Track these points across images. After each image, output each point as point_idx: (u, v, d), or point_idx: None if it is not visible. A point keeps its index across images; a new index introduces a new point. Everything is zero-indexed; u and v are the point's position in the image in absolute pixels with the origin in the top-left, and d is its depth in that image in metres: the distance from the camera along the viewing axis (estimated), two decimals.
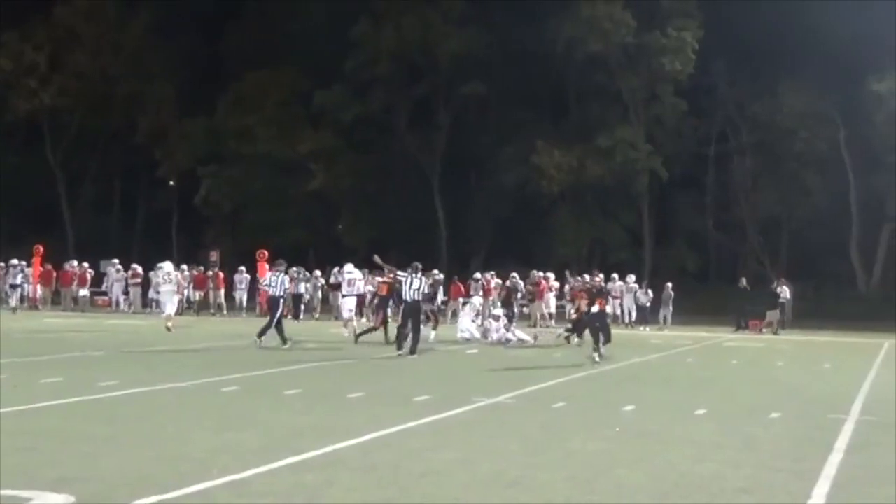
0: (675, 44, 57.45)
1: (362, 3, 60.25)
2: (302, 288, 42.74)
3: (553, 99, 61.40)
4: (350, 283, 35.24)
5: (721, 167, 61.46)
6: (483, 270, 41.41)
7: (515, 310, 32.83)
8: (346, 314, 33.26)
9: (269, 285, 26.86)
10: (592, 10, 56.39)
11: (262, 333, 25.74)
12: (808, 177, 57.22)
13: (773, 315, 40.48)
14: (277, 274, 26.51)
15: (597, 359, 22.01)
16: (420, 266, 26.10)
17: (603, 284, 29.10)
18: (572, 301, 31.18)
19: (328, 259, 46.68)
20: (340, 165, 62.01)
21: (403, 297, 25.26)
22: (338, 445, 11.68)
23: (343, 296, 35.81)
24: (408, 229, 61.25)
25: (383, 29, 59.57)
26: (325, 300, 45.05)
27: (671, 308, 42.70)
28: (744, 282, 43.28)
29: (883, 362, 26.88)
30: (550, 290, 42.21)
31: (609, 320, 27.41)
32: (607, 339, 23.54)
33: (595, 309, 23.53)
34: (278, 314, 26.16)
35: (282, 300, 26.79)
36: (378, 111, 61.66)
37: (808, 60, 53.86)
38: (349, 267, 36.19)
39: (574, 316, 28.49)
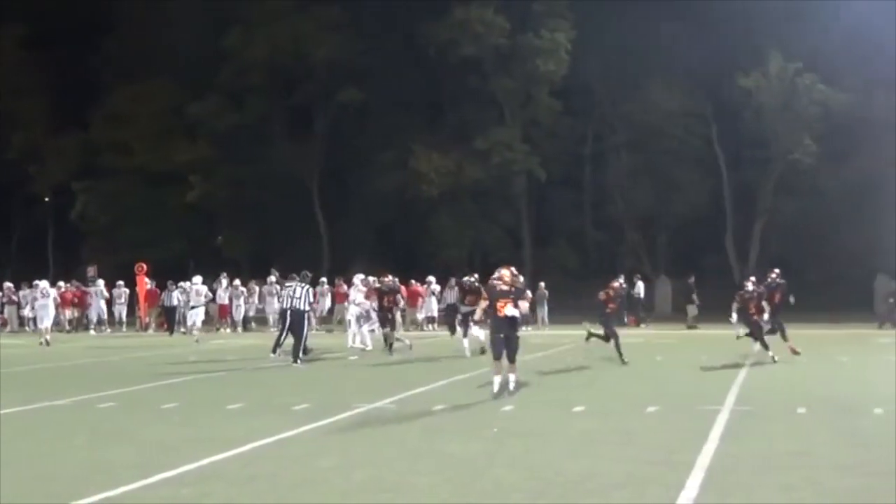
0: (548, 45, 57.82)
1: (234, 13, 59.74)
2: (175, 300, 42.19)
3: (429, 103, 61.49)
4: (198, 293, 35.46)
5: (597, 166, 62.05)
6: (365, 276, 41.32)
7: (396, 315, 32.67)
8: (190, 323, 33.60)
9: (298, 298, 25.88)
10: (465, 14, 56.61)
11: (295, 354, 24.94)
12: (683, 173, 57.94)
13: (692, 310, 41.17)
14: (303, 286, 25.89)
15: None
16: (310, 274, 26.13)
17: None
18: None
19: (209, 271, 46.18)
20: (218, 176, 61.46)
21: (286, 304, 25.27)
22: (215, 457, 11.61)
23: (191, 307, 36.11)
24: (288, 238, 60.96)
25: (256, 38, 59.10)
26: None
27: (546, 307, 43.03)
28: (622, 278, 43.73)
29: (756, 353, 27.37)
30: (432, 294, 42.32)
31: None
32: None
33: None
34: (305, 330, 25.47)
35: (307, 314, 26.05)
36: (254, 120, 61.11)
37: (679, 58, 54.54)
38: (196, 279, 36.40)
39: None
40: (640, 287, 44.21)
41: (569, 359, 25.33)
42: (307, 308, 25.45)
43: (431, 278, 42.99)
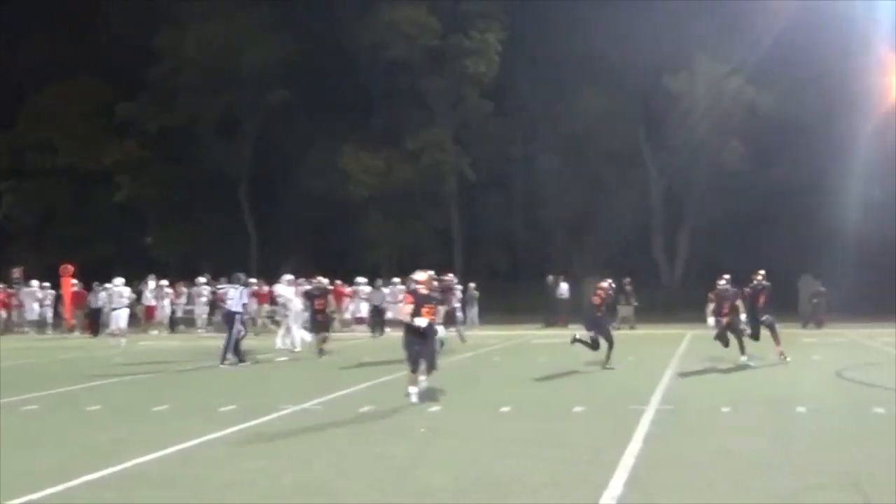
0: (478, 46, 57.86)
1: (165, 12, 59.24)
2: (100, 301, 41.77)
3: (360, 103, 61.18)
4: (120, 295, 35.31)
5: (527, 167, 62.04)
6: (296, 277, 41.11)
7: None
8: (113, 326, 33.55)
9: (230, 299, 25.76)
10: (395, 15, 56.50)
11: (223, 355, 24.99)
12: (612, 175, 58.17)
13: (626, 310, 41.41)
14: (236, 288, 25.76)
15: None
16: (242, 276, 26.10)
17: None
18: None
19: (137, 272, 45.77)
20: (147, 176, 60.86)
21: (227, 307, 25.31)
22: (139, 460, 11.56)
23: (113, 309, 35.93)
24: (218, 240, 60.52)
25: (186, 37, 58.64)
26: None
27: (476, 308, 43.16)
28: (551, 279, 43.92)
29: (684, 353, 27.69)
30: (360, 296, 42.34)
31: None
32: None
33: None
34: (235, 331, 25.27)
35: (238, 316, 25.77)
36: (184, 121, 60.51)
37: (609, 60, 54.75)
38: (118, 280, 36.23)
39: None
40: (565, 288, 44.34)
41: (497, 359, 25.40)
42: (239, 310, 25.34)
43: (360, 280, 42.96)
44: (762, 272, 24.81)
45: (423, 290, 17.02)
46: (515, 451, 12.21)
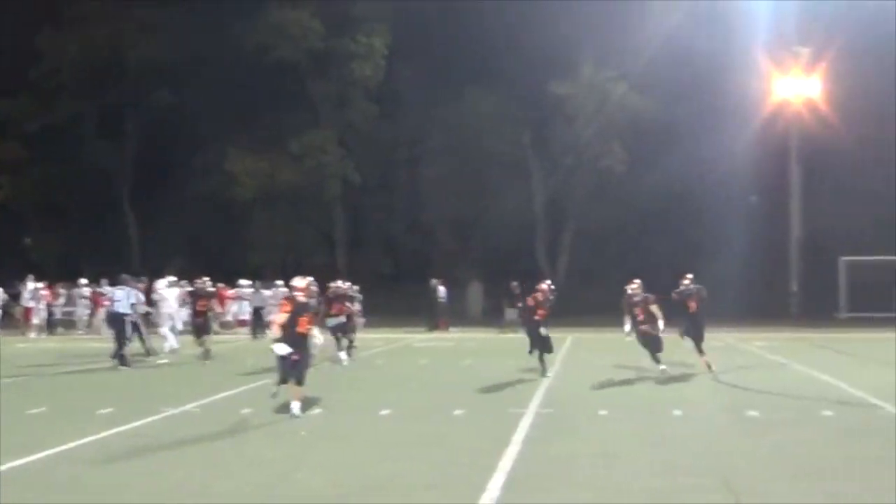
0: (364, 49, 57.79)
1: (47, 11, 58.22)
2: None
3: (244, 105, 60.57)
4: None
5: (413, 171, 62.08)
6: (179, 280, 40.68)
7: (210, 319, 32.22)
8: None
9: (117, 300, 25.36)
10: (281, 17, 56.20)
11: (116, 356, 24.67)
12: (497, 179, 58.46)
13: (512, 313, 41.48)
14: (123, 290, 25.34)
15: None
16: (128, 278, 25.84)
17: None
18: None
19: (17, 273, 44.93)
20: (27, 176, 59.82)
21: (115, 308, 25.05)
22: (13, 463, 11.42)
23: None
24: (98, 241, 59.63)
25: (69, 36, 57.74)
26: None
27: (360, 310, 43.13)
28: (433, 283, 44.01)
29: (565, 356, 27.97)
30: (242, 298, 42.13)
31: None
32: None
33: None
34: (126, 334, 24.91)
35: (127, 318, 25.21)
36: (65, 120, 59.52)
37: (495, 65, 55.07)
38: None
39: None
40: (442, 291, 44.38)
41: (379, 362, 25.44)
42: (128, 311, 25.04)
43: (243, 282, 42.74)
44: (689, 275, 23.13)
45: (301, 297, 15.81)
46: (395, 453, 12.31)
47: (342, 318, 24.51)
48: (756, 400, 16.88)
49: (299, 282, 16.14)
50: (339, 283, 24.72)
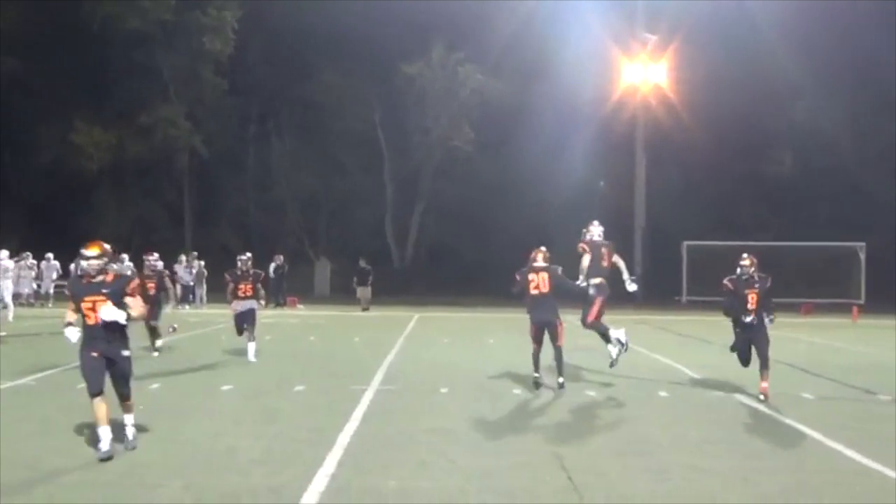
0: (214, 23, 57.04)
1: None
2: None
3: (93, 76, 59.38)
4: None
5: (262, 147, 61.68)
6: (20, 253, 39.75)
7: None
8: None
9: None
10: None
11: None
12: (345, 156, 58.49)
13: (364, 292, 41.36)
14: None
15: None
16: None
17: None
18: None
19: None
20: None
21: None
22: None
23: None
24: None
25: None
26: None
27: (205, 286, 42.72)
28: (280, 259, 43.67)
29: (409, 334, 28.09)
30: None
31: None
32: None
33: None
34: None
35: None
36: None
37: (346, 43, 54.98)
38: None
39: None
40: (272, 267, 43.57)
41: (223, 338, 25.23)
42: None
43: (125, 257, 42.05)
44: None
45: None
46: (233, 429, 12.26)
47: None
48: (595, 380, 17.16)
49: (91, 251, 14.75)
50: (151, 256, 22.36)
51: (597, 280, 16.78)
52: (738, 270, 15.62)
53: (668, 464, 10.54)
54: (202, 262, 43.42)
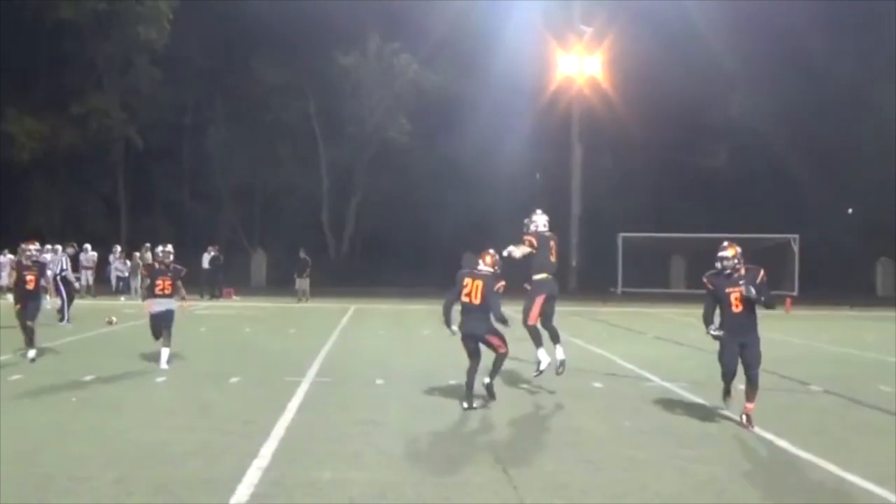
0: (150, 12, 56.55)
1: None
2: None
3: (25, 66, 58.70)
4: None
5: (197, 137, 61.32)
6: None
7: None
8: None
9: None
10: None
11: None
12: (281, 147, 58.38)
13: (302, 283, 41.23)
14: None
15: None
16: None
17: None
18: None
19: None
20: None
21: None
22: None
23: None
24: None
25: None
26: None
27: (140, 279, 42.41)
28: (215, 250, 43.44)
29: (346, 326, 28.08)
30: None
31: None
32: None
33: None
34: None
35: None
36: None
37: (281, 34, 54.81)
38: None
39: None
40: (206, 259, 43.31)
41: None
42: None
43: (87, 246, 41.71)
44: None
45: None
46: (166, 421, 12.21)
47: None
48: (528, 372, 17.15)
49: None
50: (31, 246, 20.20)
51: (541, 276, 15.15)
52: (718, 265, 12.84)
53: (604, 455, 10.59)
54: (138, 254, 43.03)
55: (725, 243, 13.02)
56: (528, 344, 15.30)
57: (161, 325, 17.68)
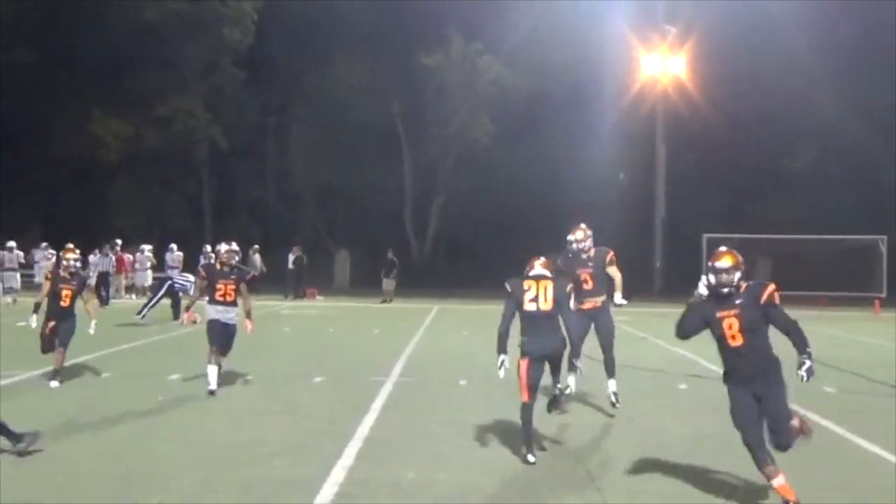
0: (234, 13, 57.04)
1: None
2: None
3: (111, 67, 59.21)
4: None
5: (280, 137, 61.67)
6: (40, 244, 39.73)
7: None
8: None
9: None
10: None
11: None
12: (363, 148, 58.43)
13: (388, 284, 41.45)
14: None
15: None
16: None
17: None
18: None
19: None
20: None
21: None
22: None
23: None
24: None
25: None
26: None
27: (195, 282, 42.59)
28: (298, 250, 43.61)
29: (429, 326, 28.10)
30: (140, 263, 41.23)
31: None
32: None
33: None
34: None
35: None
36: None
37: (365, 34, 55.01)
38: None
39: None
40: (291, 259, 43.44)
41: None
42: None
43: (146, 246, 41.75)
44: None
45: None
46: (251, 420, 12.29)
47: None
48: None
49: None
50: (71, 255, 17.56)
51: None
52: (713, 279, 9.32)
53: (686, 460, 10.48)
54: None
55: (722, 248, 9.63)
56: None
57: (220, 340, 15.11)
